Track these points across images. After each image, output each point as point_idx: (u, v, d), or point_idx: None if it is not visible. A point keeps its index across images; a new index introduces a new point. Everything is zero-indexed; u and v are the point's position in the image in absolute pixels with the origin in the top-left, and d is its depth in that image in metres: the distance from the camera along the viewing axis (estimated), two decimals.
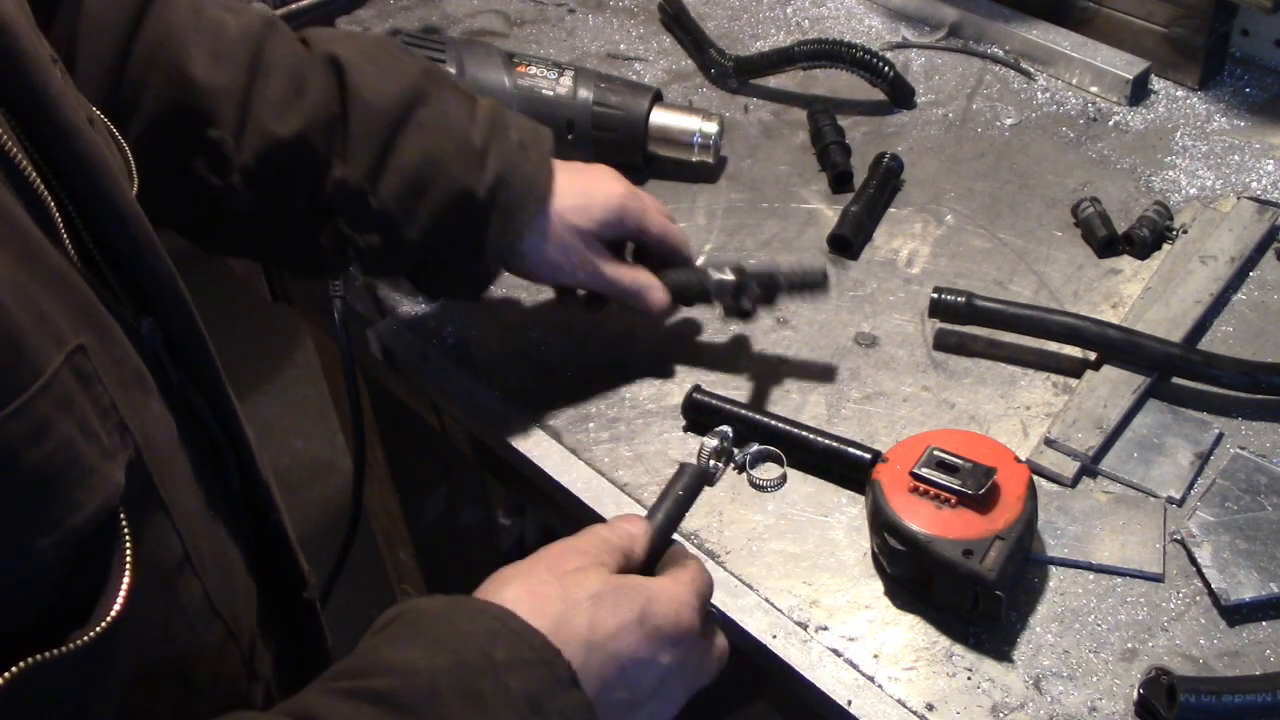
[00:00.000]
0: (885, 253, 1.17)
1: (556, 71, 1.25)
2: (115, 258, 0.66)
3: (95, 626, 0.57)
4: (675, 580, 0.75)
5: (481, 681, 0.63)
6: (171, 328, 0.70)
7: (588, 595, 0.70)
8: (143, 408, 0.64)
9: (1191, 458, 0.97)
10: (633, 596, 0.71)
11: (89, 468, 0.56)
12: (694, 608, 0.74)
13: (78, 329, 0.58)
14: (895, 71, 1.31)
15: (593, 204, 0.98)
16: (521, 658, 0.65)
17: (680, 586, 0.74)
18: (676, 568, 0.77)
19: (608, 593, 0.71)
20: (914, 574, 0.88)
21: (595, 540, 0.75)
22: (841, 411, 1.03)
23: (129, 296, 0.67)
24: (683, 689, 0.74)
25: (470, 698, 0.63)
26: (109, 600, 0.58)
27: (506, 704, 0.63)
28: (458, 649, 0.64)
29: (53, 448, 0.54)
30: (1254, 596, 0.87)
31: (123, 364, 0.63)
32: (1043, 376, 1.05)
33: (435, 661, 0.64)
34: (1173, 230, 1.15)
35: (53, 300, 0.57)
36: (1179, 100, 1.31)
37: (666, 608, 0.72)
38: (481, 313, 1.14)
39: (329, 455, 2.65)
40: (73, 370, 0.56)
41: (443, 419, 1.22)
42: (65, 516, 0.55)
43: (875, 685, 0.86)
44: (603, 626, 0.69)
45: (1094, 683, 0.84)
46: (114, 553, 0.59)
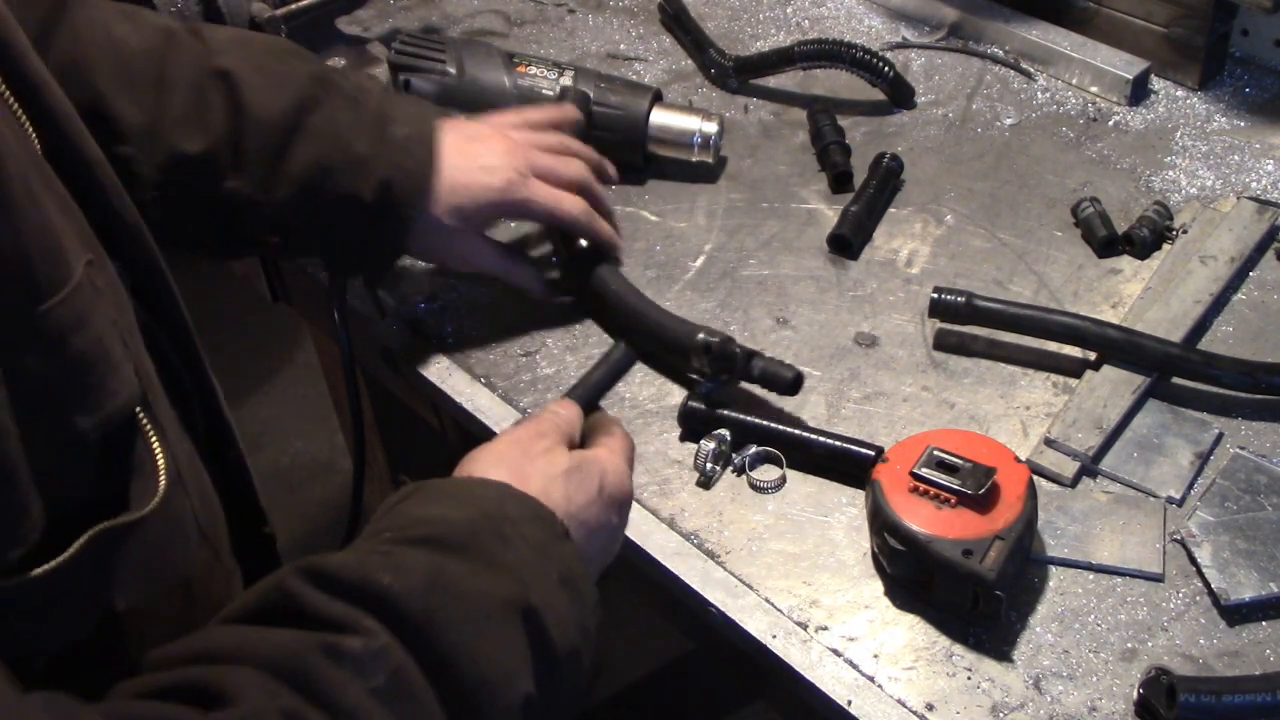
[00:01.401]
0: (885, 253, 1.17)
1: (556, 71, 1.25)
2: (84, 203, 0.70)
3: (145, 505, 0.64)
4: (613, 451, 0.87)
5: (505, 528, 0.73)
6: (137, 272, 0.76)
7: (560, 472, 0.81)
8: (133, 329, 0.69)
9: (1191, 458, 0.97)
10: (593, 472, 0.83)
11: (117, 363, 0.63)
12: (628, 475, 0.87)
13: (84, 250, 0.63)
14: (895, 71, 1.31)
15: (467, 203, 1.03)
16: (528, 515, 0.76)
17: (619, 458, 0.87)
18: (607, 436, 0.89)
19: (575, 469, 0.82)
20: (914, 574, 0.88)
21: (550, 423, 0.87)
22: (841, 411, 1.03)
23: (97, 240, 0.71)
24: (619, 541, 0.87)
25: (501, 538, 0.72)
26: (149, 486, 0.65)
27: (526, 545, 0.73)
28: (480, 505, 0.75)
29: (90, 338, 0.60)
30: (1254, 596, 0.87)
31: (115, 288, 0.68)
32: (1043, 376, 1.05)
33: (465, 513, 0.74)
34: (1173, 230, 1.15)
35: (66, 222, 0.63)
36: (1179, 100, 1.31)
37: (615, 478, 0.85)
38: (481, 313, 1.14)
39: (329, 455, 2.65)
40: (89, 278, 0.62)
41: (443, 419, 1.22)
42: (103, 400, 0.61)
43: (875, 685, 0.86)
44: (576, 499, 0.81)
45: (1094, 683, 0.84)
46: (137, 448, 0.65)
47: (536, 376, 1.09)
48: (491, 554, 0.71)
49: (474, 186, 1.02)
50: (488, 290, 1.16)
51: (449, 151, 1.03)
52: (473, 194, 1.02)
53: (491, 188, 1.03)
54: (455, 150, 1.03)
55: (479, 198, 1.03)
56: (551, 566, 0.74)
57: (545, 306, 1.14)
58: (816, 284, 1.15)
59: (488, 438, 1.08)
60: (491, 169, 1.03)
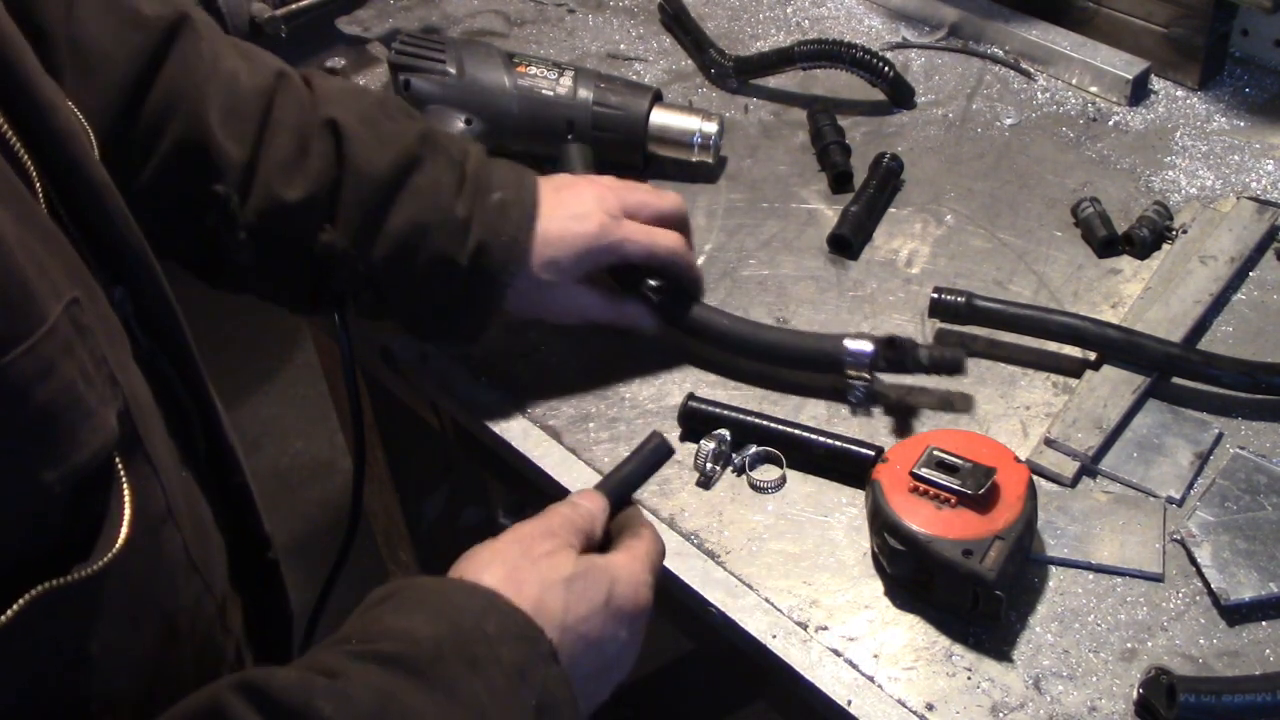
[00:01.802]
0: (885, 253, 1.17)
1: (556, 71, 1.25)
2: (87, 228, 0.69)
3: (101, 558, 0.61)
4: (633, 556, 0.81)
5: (478, 649, 0.68)
6: (142, 296, 0.74)
7: (561, 579, 0.76)
8: (126, 366, 0.67)
9: (1191, 458, 0.97)
10: (600, 580, 0.77)
11: (89, 410, 0.60)
12: (650, 585, 0.81)
13: (70, 285, 0.61)
14: (895, 71, 1.31)
15: (563, 256, 1.01)
16: (510, 632, 0.71)
17: (638, 564, 0.81)
18: (633, 538, 0.83)
19: (578, 577, 0.76)
20: (914, 574, 0.88)
21: (563, 521, 0.81)
22: (841, 411, 1.03)
23: (101, 265, 0.70)
24: (633, 655, 0.80)
25: (469, 662, 0.68)
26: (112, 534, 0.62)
27: (499, 671, 0.68)
28: (455, 620, 0.70)
29: (58, 387, 0.57)
30: (1254, 596, 0.87)
31: (108, 322, 0.66)
32: (1043, 376, 1.05)
33: (436, 629, 0.69)
34: (1173, 230, 1.15)
35: (48, 256, 0.60)
36: (1179, 100, 1.31)
37: (627, 589, 0.78)
38: None
39: (329, 455, 2.65)
40: (71, 320, 0.59)
41: (442, 419, 1.22)
42: (70, 453, 0.58)
43: (875, 685, 0.86)
44: (575, 610, 0.75)
45: (1094, 683, 0.84)
46: (111, 494, 0.63)
47: (536, 376, 1.09)
48: (454, 682, 0.67)
49: (567, 236, 1.01)
50: None
51: (548, 201, 1.02)
52: (566, 243, 1.00)
53: (585, 234, 1.01)
54: (547, 204, 1.02)
55: (573, 246, 1.01)
56: (529, 694, 0.69)
57: None
58: (816, 284, 1.15)
59: (488, 437, 1.08)
60: (583, 216, 1.02)
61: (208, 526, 0.78)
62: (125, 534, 0.62)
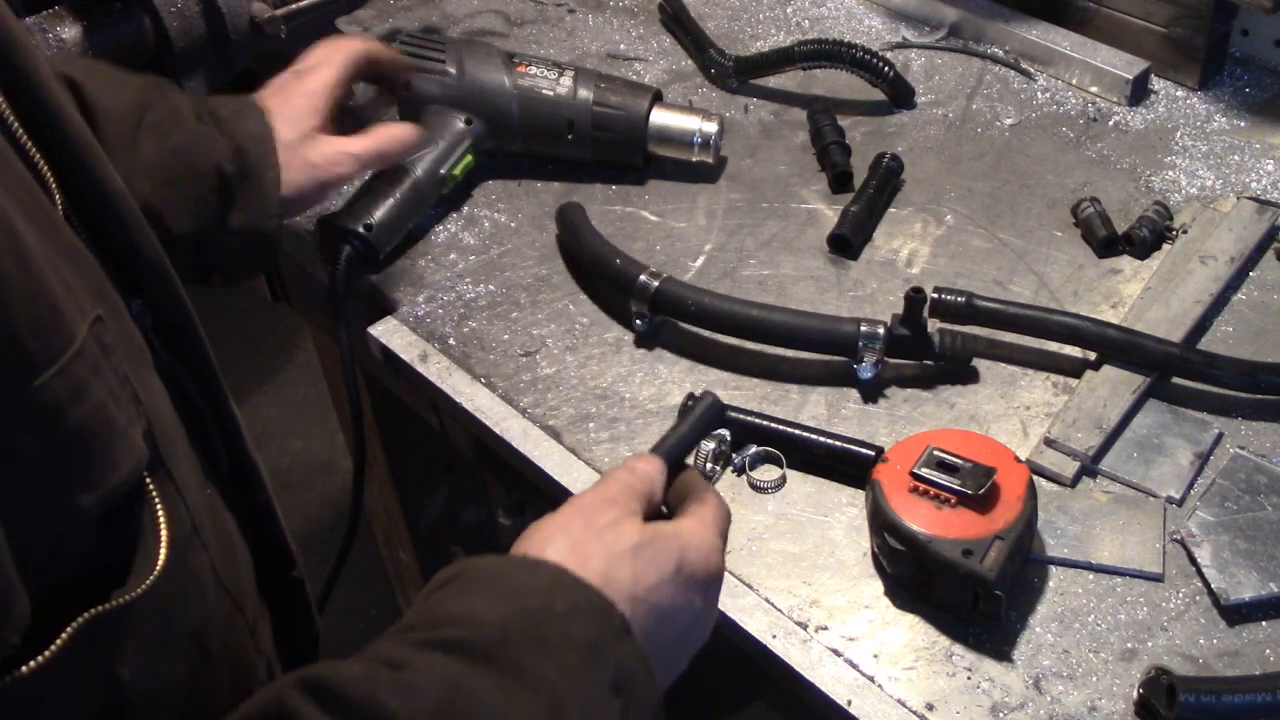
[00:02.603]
0: (885, 253, 1.17)
1: (556, 71, 1.25)
2: (104, 239, 0.68)
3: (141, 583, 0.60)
4: (701, 522, 0.77)
5: (546, 628, 0.65)
6: (160, 308, 0.72)
7: (628, 549, 0.72)
8: (148, 383, 0.66)
9: (1191, 458, 0.97)
10: (669, 548, 0.73)
11: (121, 431, 0.58)
12: (719, 549, 0.77)
13: (94, 302, 0.60)
14: (895, 71, 1.31)
15: (303, 106, 1.06)
16: (579, 608, 0.67)
17: (707, 529, 0.76)
18: (698, 504, 0.79)
19: (645, 545, 0.72)
20: (914, 574, 0.88)
21: (622, 488, 0.77)
22: (841, 411, 1.03)
23: (119, 277, 0.69)
24: (710, 623, 0.77)
25: (538, 643, 0.64)
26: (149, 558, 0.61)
27: (570, 649, 0.65)
28: (520, 599, 0.67)
29: (90, 409, 0.56)
30: (1254, 596, 0.87)
31: (129, 339, 0.65)
32: (1043, 376, 1.05)
33: (501, 611, 0.65)
34: (1173, 230, 1.15)
35: (72, 272, 0.59)
36: (1179, 100, 1.31)
37: (698, 555, 0.74)
38: (481, 313, 1.14)
39: (329, 455, 2.65)
40: (96, 338, 0.58)
41: (443, 419, 1.22)
42: (106, 475, 0.57)
43: (875, 685, 0.86)
44: (644, 579, 0.71)
45: (1094, 683, 0.84)
46: (144, 515, 0.61)
47: (536, 376, 1.09)
48: (523, 665, 0.64)
49: (297, 95, 1.07)
50: (487, 290, 1.16)
51: (270, 95, 1.07)
52: (303, 102, 1.06)
53: (318, 86, 1.08)
54: (271, 92, 1.08)
55: (311, 99, 1.07)
56: (602, 671, 0.66)
57: (545, 306, 1.14)
58: (816, 284, 1.15)
59: (488, 437, 1.08)
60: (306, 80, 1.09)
61: (234, 544, 0.76)
62: (165, 554, 0.61)
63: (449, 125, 1.23)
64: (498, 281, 1.17)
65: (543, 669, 0.64)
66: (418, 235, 1.21)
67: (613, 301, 1.14)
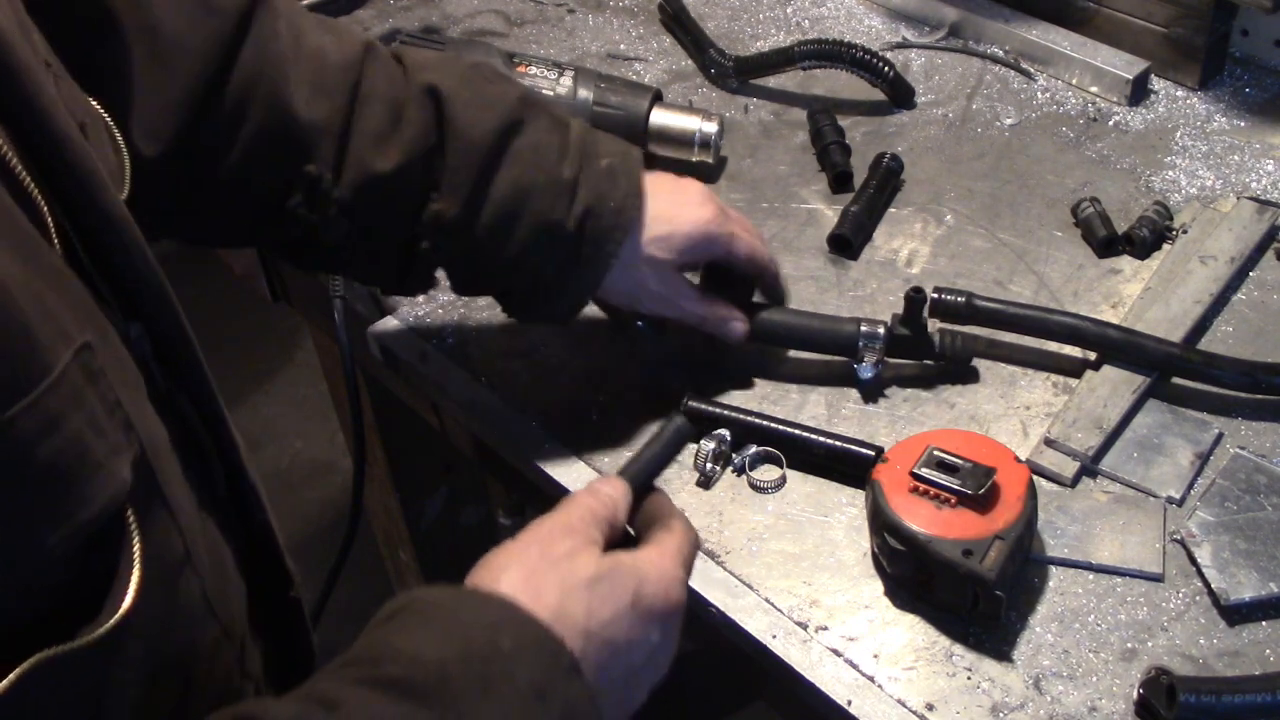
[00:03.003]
0: (885, 253, 1.17)
1: (556, 71, 1.25)
2: (105, 264, 0.66)
3: (106, 620, 0.58)
4: (663, 553, 0.75)
5: (489, 668, 0.64)
6: (160, 333, 0.70)
7: (584, 581, 0.70)
8: (142, 408, 0.64)
9: (1191, 458, 0.97)
10: (625, 580, 0.72)
11: (97, 463, 0.57)
12: (682, 581, 0.75)
13: (82, 328, 0.58)
14: (895, 71, 1.31)
15: (676, 233, 0.97)
16: (526, 645, 0.66)
17: (668, 561, 0.75)
18: (663, 531, 0.78)
19: (602, 578, 0.71)
20: (914, 574, 0.88)
21: (582, 513, 0.76)
22: (841, 411, 1.03)
23: (118, 302, 0.68)
24: (668, 656, 0.75)
25: (479, 683, 0.63)
26: (119, 595, 0.59)
27: (513, 692, 0.64)
28: (465, 637, 0.65)
29: (63, 443, 0.54)
30: (1254, 596, 0.87)
31: (122, 364, 0.63)
32: (1043, 376, 1.05)
33: (443, 650, 0.64)
34: (1173, 230, 1.15)
35: (57, 299, 0.57)
36: (1179, 100, 1.31)
37: (656, 588, 0.73)
38: (481, 312, 1.14)
39: (329, 455, 2.65)
40: (81, 367, 0.56)
41: (443, 419, 1.22)
42: (75, 511, 0.55)
43: (875, 685, 0.86)
44: (599, 614, 0.70)
45: (1094, 683, 0.84)
46: (122, 549, 0.59)
47: (536, 376, 1.08)
48: (460, 708, 0.62)
49: (681, 218, 0.98)
50: None
51: (655, 183, 0.98)
52: (680, 225, 0.97)
53: (701, 219, 0.98)
54: (661, 183, 0.99)
55: (686, 229, 0.97)
56: (546, 714, 0.65)
57: None
58: (816, 284, 1.15)
59: (487, 437, 1.08)
60: (697, 202, 0.99)
61: (228, 568, 0.75)
62: (134, 594, 0.59)
63: None
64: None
65: (480, 712, 0.63)
66: None
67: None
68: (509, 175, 0.93)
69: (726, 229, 0.99)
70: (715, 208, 1.00)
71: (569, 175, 0.93)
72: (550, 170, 0.93)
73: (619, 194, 0.95)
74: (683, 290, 1.01)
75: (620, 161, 0.96)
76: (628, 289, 0.99)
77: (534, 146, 0.93)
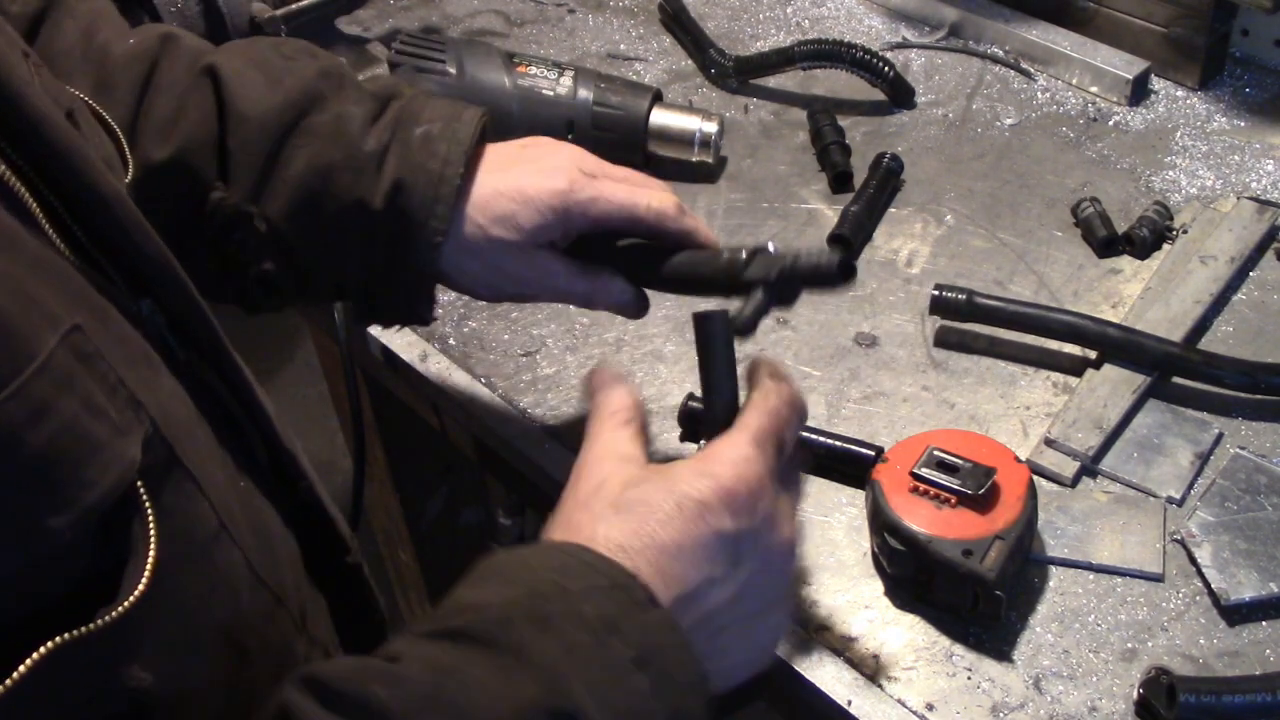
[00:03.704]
0: (885, 253, 1.17)
1: (556, 71, 1.25)
2: (105, 243, 0.66)
3: (123, 602, 0.57)
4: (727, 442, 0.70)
5: (552, 606, 0.62)
6: (172, 307, 0.70)
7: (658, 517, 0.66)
8: (155, 384, 0.64)
9: (1191, 458, 0.97)
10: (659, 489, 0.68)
11: (98, 445, 0.56)
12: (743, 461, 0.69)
13: (72, 311, 0.57)
14: (895, 71, 1.31)
15: (521, 210, 0.86)
16: (595, 584, 0.64)
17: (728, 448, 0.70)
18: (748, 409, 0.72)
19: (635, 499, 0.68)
20: (914, 574, 0.88)
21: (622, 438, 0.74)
22: (841, 411, 1.03)
23: (125, 280, 0.67)
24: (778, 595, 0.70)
25: (541, 622, 0.62)
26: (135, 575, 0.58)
27: (580, 626, 0.62)
28: (530, 581, 0.64)
29: (56, 428, 0.54)
30: (1254, 596, 0.87)
31: (127, 342, 0.63)
32: (1043, 376, 1.05)
33: (507, 594, 0.63)
34: (1173, 230, 1.15)
35: (40, 285, 0.57)
36: (1179, 100, 1.31)
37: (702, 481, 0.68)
38: (481, 313, 1.14)
39: (329, 455, 2.65)
40: (71, 350, 0.56)
41: (443, 419, 1.22)
42: (78, 495, 0.55)
43: (875, 685, 0.86)
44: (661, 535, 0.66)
45: (1094, 683, 0.84)
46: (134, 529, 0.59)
47: (536, 376, 1.09)
48: (523, 644, 0.61)
49: (529, 189, 0.85)
50: None
51: (493, 153, 0.88)
52: (527, 196, 0.85)
53: (553, 190, 0.85)
54: (502, 152, 0.88)
55: (536, 200, 0.85)
56: (621, 645, 0.62)
57: (545, 306, 1.14)
58: None
59: (487, 437, 1.08)
60: (551, 170, 0.87)
61: (274, 535, 0.74)
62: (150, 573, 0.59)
63: None
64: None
65: (544, 646, 0.61)
66: None
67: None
68: (303, 155, 0.85)
69: (585, 194, 0.86)
70: (571, 174, 0.87)
71: (373, 147, 0.84)
72: (351, 144, 0.84)
73: (436, 162, 0.84)
74: (553, 269, 0.88)
75: (442, 127, 0.85)
76: (485, 276, 0.88)
77: (334, 120, 0.85)
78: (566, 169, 0.87)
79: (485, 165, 0.87)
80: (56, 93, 0.71)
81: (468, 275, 0.88)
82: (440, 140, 0.85)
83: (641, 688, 0.62)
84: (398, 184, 0.84)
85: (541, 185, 0.86)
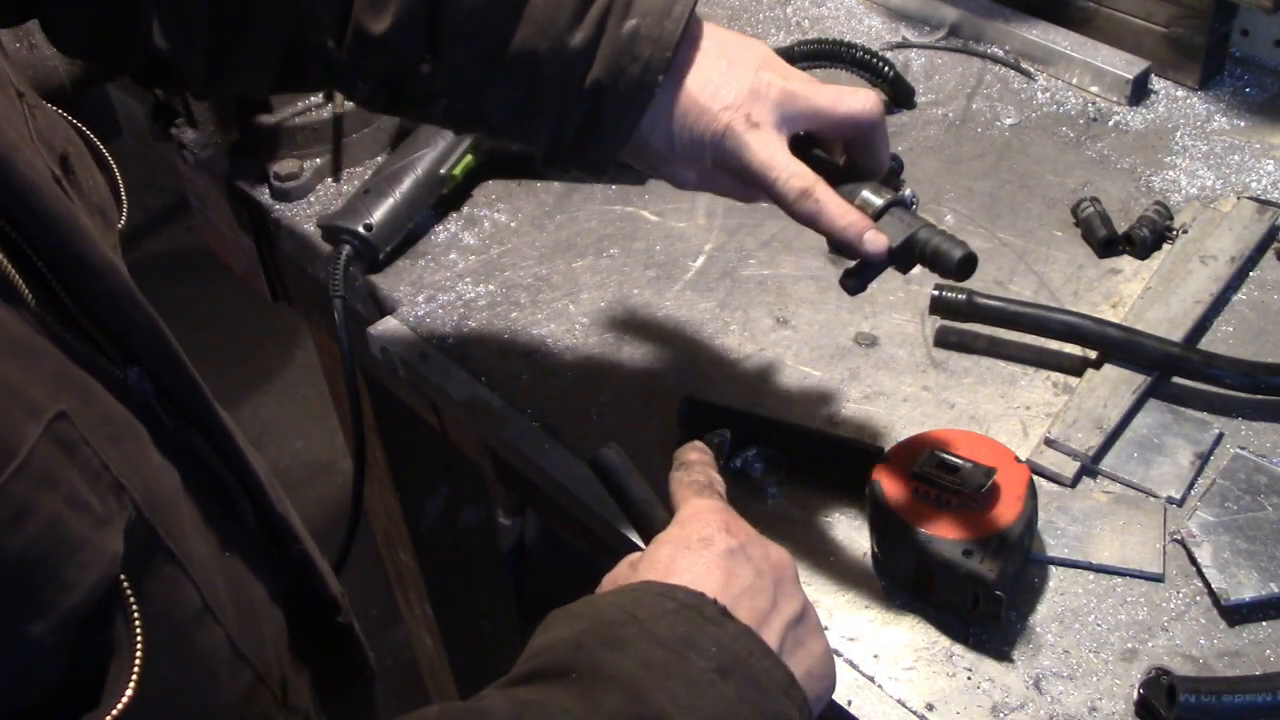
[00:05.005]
0: None
1: None
2: (93, 311, 0.64)
3: (110, 709, 0.56)
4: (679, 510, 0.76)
5: (625, 630, 0.63)
6: (159, 374, 0.68)
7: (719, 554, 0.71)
8: (140, 460, 0.62)
9: (1191, 458, 0.97)
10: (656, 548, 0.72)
11: (80, 543, 0.54)
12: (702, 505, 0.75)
13: (56, 394, 0.56)
14: (895, 71, 1.31)
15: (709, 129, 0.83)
16: (664, 609, 0.65)
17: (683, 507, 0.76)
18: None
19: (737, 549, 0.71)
20: (914, 574, 0.88)
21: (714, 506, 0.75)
22: (841, 411, 1.03)
23: (112, 347, 0.66)
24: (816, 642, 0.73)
25: (614, 644, 0.62)
26: (121, 678, 0.57)
27: (655, 644, 0.62)
28: (597, 614, 0.65)
29: (36, 530, 0.52)
30: (1254, 596, 0.87)
31: (111, 419, 0.61)
32: (1043, 376, 1.05)
33: (576, 626, 0.65)
34: (1173, 230, 1.15)
35: (21, 371, 0.55)
36: (1179, 100, 1.31)
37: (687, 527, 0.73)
38: (481, 312, 1.14)
39: (329, 455, 2.65)
40: (54, 440, 0.54)
41: (443, 419, 1.22)
42: (58, 599, 0.53)
43: (875, 685, 0.86)
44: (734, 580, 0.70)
45: (1094, 683, 0.84)
46: (119, 622, 0.57)
47: (536, 376, 1.08)
48: (597, 667, 0.61)
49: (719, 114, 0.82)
50: (487, 290, 1.16)
51: (704, 53, 0.84)
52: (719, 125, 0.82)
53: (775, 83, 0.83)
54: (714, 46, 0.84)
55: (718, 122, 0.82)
56: (700, 659, 0.62)
57: (545, 306, 1.14)
58: (816, 284, 1.15)
59: (487, 437, 1.08)
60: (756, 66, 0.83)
61: (258, 608, 0.74)
62: (138, 673, 0.57)
63: None
64: (498, 281, 1.17)
65: (620, 662, 0.61)
66: (418, 235, 1.21)
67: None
68: (516, 40, 0.82)
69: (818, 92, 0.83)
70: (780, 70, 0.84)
71: (579, 43, 0.81)
72: (559, 38, 0.81)
73: (637, 68, 0.81)
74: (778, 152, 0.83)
75: (651, 23, 0.81)
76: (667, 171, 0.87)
77: (548, 4, 0.82)
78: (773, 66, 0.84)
79: (697, 64, 0.84)
80: (50, 136, 0.69)
81: (652, 167, 0.88)
82: (645, 41, 0.81)
83: (727, 694, 0.62)
84: (597, 87, 0.82)
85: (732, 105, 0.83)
